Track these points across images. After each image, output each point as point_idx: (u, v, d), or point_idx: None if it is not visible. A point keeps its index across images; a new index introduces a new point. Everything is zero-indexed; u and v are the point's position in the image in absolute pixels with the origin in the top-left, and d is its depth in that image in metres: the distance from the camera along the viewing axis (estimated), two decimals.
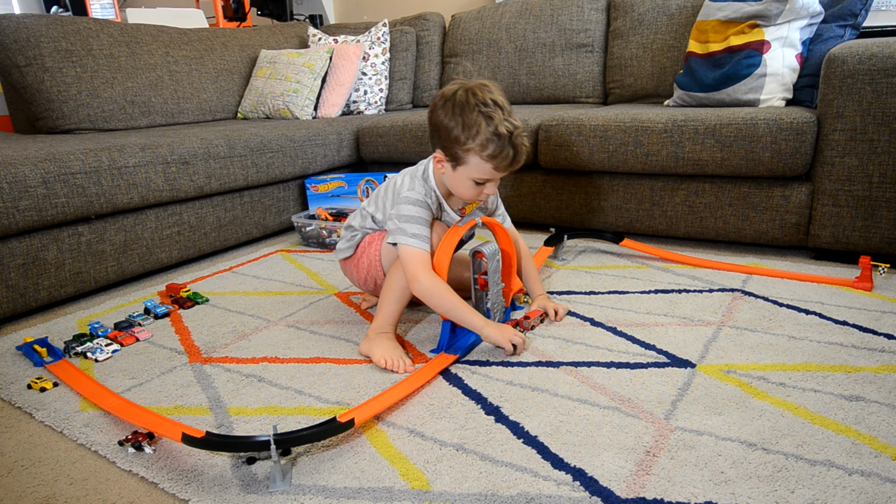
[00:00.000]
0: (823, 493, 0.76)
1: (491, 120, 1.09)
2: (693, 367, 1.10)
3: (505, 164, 1.12)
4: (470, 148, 1.11)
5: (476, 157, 1.11)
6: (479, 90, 1.11)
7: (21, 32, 2.03)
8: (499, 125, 1.09)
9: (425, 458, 0.88)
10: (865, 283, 1.42)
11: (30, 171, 1.42)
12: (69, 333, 1.38)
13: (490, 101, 1.10)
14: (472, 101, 1.10)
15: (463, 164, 1.13)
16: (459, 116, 1.10)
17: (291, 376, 1.14)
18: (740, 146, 1.62)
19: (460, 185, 1.18)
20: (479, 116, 1.09)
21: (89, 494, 0.84)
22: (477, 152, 1.11)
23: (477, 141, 1.10)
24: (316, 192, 2.18)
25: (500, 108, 1.10)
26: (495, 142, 1.09)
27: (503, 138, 1.09)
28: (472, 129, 1.09)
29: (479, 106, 1.10)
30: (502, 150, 1.10)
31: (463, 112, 1.10)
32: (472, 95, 1.11)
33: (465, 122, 1.09)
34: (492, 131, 1.09)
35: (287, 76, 2.58)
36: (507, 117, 1.10)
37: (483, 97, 1.10)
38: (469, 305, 1.17)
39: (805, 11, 1.74)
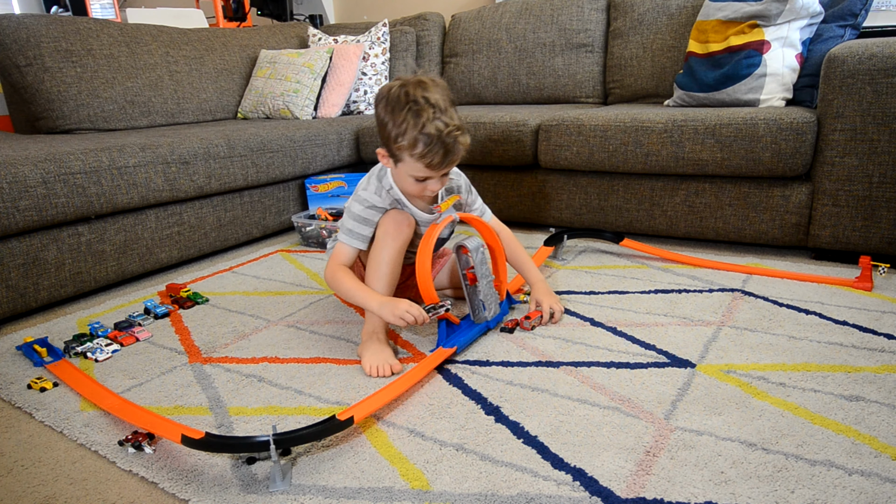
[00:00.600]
0: (823, 493, 0.76)
1: (419, 118, 1.07)
2: (693, 367, 1.10)
3: (436, 163, 1.11)
4: (401, 146, 1.10)
5: (407, 156, 1.11)
6: (414, 87, 1.10)
7: (21, 32, 2.03)
8: (427, 124, 1.07)
9: (425, 458, 0.88)
10: (866, 283, 1.42)
11: (30, 171, 1.42)
12: (69, 333, 1.38)
13: (422, 98, 1.08)
14: (404, 99, 1.09)
15: (400, 161, 1.14)
16: (391, 114, 1.10)
17: (291, 376, 1.14)
18: (740, 146, 1.62)
19: (403, 182, 1.18)
20: (409, 114, 1.08)
21: (89, 494, 0.84)
22: (407, 150, 1.10)
23: (406, 139, 1.09)
24: (316, 192, 2.18)
25: (432, 107, 1.08)
26: (423, 141, 1.08)
27: (432, 137, 1.07)
28: (402, 128, 1.09)
29: (409, 104, 1.08)
30: (431, 149, 1.09)
31: (394, 110, 1.10)
32: (404, 94, 1.09)
33: (396, 120, 1.09)
34: (419, 130, 1.08)
35: (287, 76, 2.58)
36: (438, 116, 1.08)
37: (415, 95, 1.09)
38: (368, 288, 1.19)
39: (805, 11, 1.74)
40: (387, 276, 1.21)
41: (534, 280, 1.38)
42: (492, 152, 2.04)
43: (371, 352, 1.16)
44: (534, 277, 1.38)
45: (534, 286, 1.37)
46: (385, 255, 1.20)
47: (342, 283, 1.19)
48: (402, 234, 1.21)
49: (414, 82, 1.11)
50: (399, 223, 1.21)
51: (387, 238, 1.20)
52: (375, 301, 1.16)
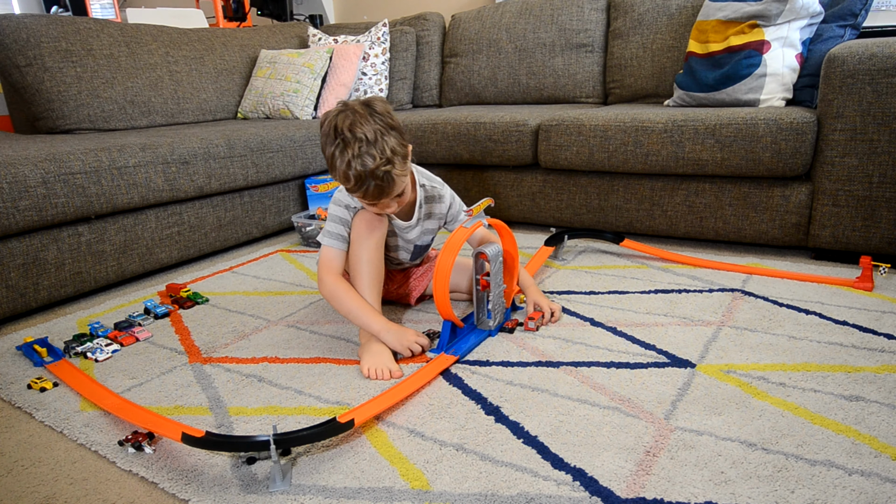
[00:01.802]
0: (823, 493, 0.76)
1: (343, 156, 1.05)
2: (693, 367, 1.10)
3: (371, 197, 1.10)
4: (336, 178, 1.10)
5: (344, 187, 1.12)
6: (345, 119, 1.06)
7: (21, 32, 2.03)
8: (352, 160, 1.04)
9: (425, 458, 0.88)
10: (866, 283, 1.42)
11: (30, 171, 1.42)
12: (69, 333, 1.38)
13: (348, 132, 1.05)
14: (332, 133, 1.07)
15: None
16: (324, 147, 1.10)
17: (291, 376, 1.14)
18: (740, 146, 1.62)
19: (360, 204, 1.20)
20: (336, 150, 1.06)
21: (89, 494, 0.84)
22: (342, 183, 1.11)
23: (337, 174, 1.09)
24: (316, 192, 2.18)
25: (360, 142, 1.05)
26: (350, 177, 1.06)
27: (360, 174, 1.05)
28: (332, 162, 1.08)
29: (337, 139, 1.06)
30: (361, 184, 1.07)
31: (326, 144, 1.09)
32: (333, 127, 1.07)
33: (326, 153, 1.09)
34: (344, 168, 1.06)
35: (287, 76, 2.58)
36: (365, 151, 1.04)
37: (342, 127, 1.06)
38: (370, 308, 1.19)
39: (805, 11, 1.74)
40: (368, 274, 1.21)
41: (527, 284, 1.38)
42: (492, 152, 2.04)
43: (370, 354, 1.15)
44: (527, 282, 1.39)
45: (528, 290, 1.37)
46: (363, 255, 1.21)
47: (343, 303, 1.19)
48: (374, 232, 1.21)
49: (348, 110, 1.08)
50: (369, 222, 1.21)
51: (360, 239, 1.21)
52: (379, 324, 1.17)
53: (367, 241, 1.21)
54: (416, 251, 1.38)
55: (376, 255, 1.22)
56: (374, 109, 1.09)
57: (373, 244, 1.21)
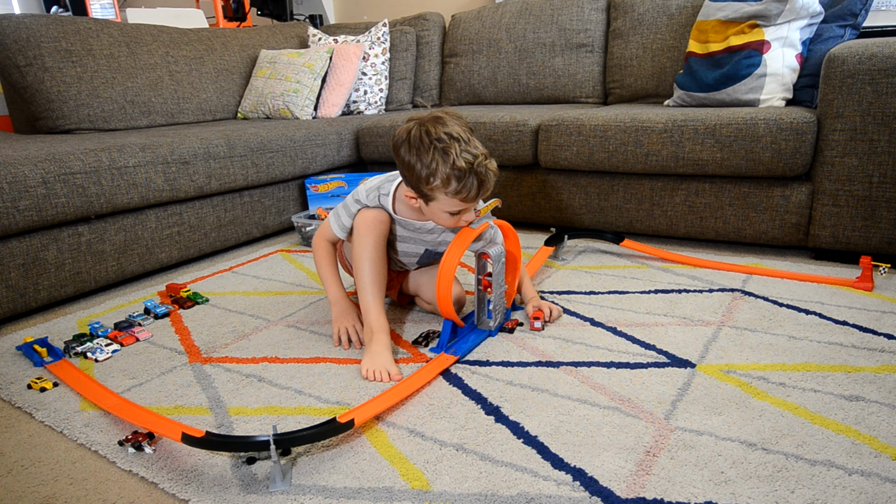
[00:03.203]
0: (823, 493, 0.76)
1: (447, 156, 1.07)
2: (693, 367, 1.10)
3: (472, 196, 1.11)
4: (434, 186, 1.10)
5: (442, 194, 1.11)
6: (433, 125, 1.09)
7: (21, 32, 2.03)
8: (456, 159, 1.07)
9: (425, 458, 0.88)
10: (866, 283, 1.42)
11: (30, 171, 1.42)
12: (69, 333, 1.38)
13: (444, 135, 1.08)
14: (427, 139, 1.08)
15: (433, 199, 1.13)
16: (417, 156, 1.09)
17: (291, 376, 1.14)
18: (740, 146, 1.62)
19: (438, 217, 1.18)
20: (436, 154, 1.07)
21: (89, 494, 0.84)
22: (441, 189, 1.10)
23: (438, 179, 1.08)
24: (316, 192, 2.18)
25: (457, 140, 1.08)
26: (456, 176, 1.08)
27: (464, 171, 1.07)
28: (432, 167, 1.08)
29: (434, 143, 1.08)
30: (465, 183, 1.08)
31: (419, 151, 1.09)
32: (425, 133, 1.09)
33: (424, 162, 1.08)
34: (450, 167, 1.07)
35: (287, 76, 2.58)
36: (465, 148, 1.08)
37: (437, 133, 1.08)
38: (333, 279, 1.33)
39: (805, 11, 1.74)
40: (369, 272, 1.21)
41: (529, 296, 1.39)
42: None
43: (370, 355, 1.15)
44: (530, 293, 1.39)
45: (526, 294, 1.38)
46: (364, 254, 1.21)
47: (320, 265, 1.33)
48: (373, 230, 1.21)
49: (431, 119, 1.11)
50: (368, 221, 1.21)
51: (360, 238, 1.21)
52: (334, 295, 1.32)
53: (366, 240, 1.21)
54: (426, 255, 1.36)
55: (376, 255, 1.22)
56: (452, 115, 1.13)
57: (371, 242, 1.21)
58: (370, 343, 1.17)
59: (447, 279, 1.14)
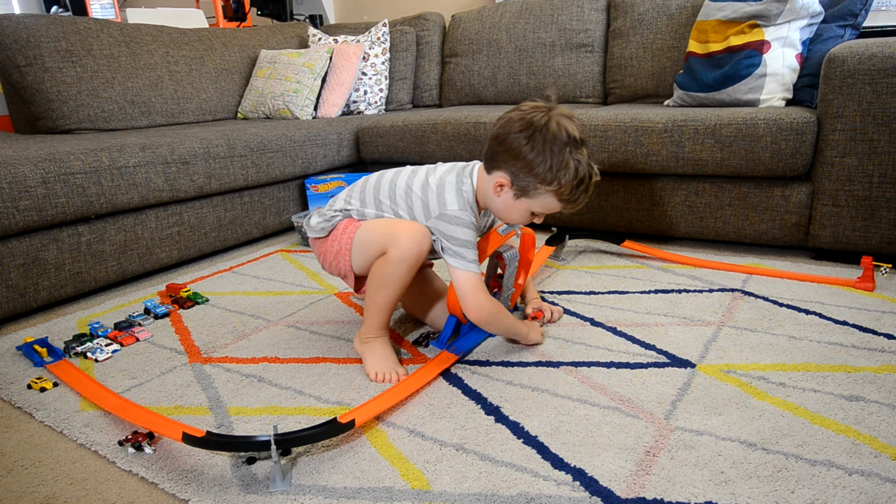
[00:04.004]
0: (823, 493, 0.76)
1: (580, 163, 1.02)
2: (693, 367, 1.10)
3: (577, 202, 1.08)
4: (551, 189, 1.04)
5: (551, 197, 1.05)
6: (568, 123, 1.03)
7: (21, 32, 2.03)
8: (582, 167, 1.02)
9: (425, 458, 0.88)
10: (867, 284, 1.42)
11: (30, 171, 1.42)
12: (69, 333, 1.38)
13: (579, 139, 1.03)
14: (564, 138, 1.01)
15: (531, 197, 1.06)
16: (549, 153, 1.01)
17: (291, 376, 1.14)
18: (740, 146, 1.62)
19: (513, 212, 1.10)
20: (570, 158, 1.01)
21: (89, 494, 0.84)
22: (555, 193, 1.04)
23: (560, 182, 1.02)
24: (316, 192, 2.18)
25: (586, 147, 1.04)
26: (575, 184, 1.03)
27: (584, 182, 1.04)
28: (561, 171, 1.01)
29: (569, 145, 1.01)
30: (579, 193, 1.05)
31: (553, 149, 1.01)
32: (565, 132, 1.01)
33: (555, 162, 1.01)
34: (576, 174, 1.02)
35: (287, 76, 2.58)
36: (589, 158, 1.05)
37: (572, 133, 1.02)
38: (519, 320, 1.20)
39: (805, 11, 1.74)
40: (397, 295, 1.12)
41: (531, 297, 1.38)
42: None
43: (376, 357, 1.13)
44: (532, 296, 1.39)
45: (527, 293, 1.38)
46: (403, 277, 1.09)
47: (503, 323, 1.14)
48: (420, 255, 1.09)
49: (562, 115, 1.04)
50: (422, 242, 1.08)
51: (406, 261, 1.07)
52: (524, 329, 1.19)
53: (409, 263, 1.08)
54: None
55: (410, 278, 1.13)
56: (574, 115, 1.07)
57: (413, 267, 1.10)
58: (373, 343, 1.15)
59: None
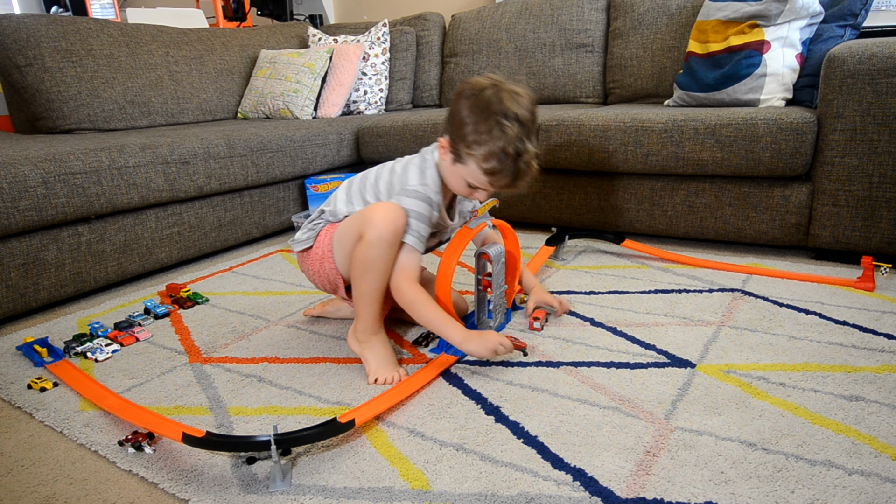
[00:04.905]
0: (823, 493, 0.76)
1: (503, 134, 1.01)
2: (693, 367, 1.10)
3: (502, 184, 1.06)
4: (473, 153, 1.04)
5: (475, 165, 1.05)
6: (510, 97, 1.02)
7: (21, 32, 2.03)
8: (508, 144, 1.01)
9: (425, 458, 0.88)
10: (867, 284, 1.42)
11: (30, 171, 1.42)
12: (69, 333, 1.38)
13: (513, 113, 1.01)
14: (496, 106, 1.01)
15: (463, 163, 1.07)
16: (475, 116, 1.02)
17: (291, 376, 1.14)
18: (740, 146, 1.62)
19: (453, 180, 1.12)
20: (495, 126, 1.01)
21: (89, 494, 0.84)
22: (478, 161, 1.04)
23: (482, 150, 1.03)
24: (316, 192, 2.18)
25: (521, 125, 1.02)
26: (499, 158, 1.02)
27: (508, 158, 1.02)
28: (482, 137, 1.02)
29: (499, 115, 1.01)
30: (503, 169, 1.03)
31: (481, 114, 1.02)
32: (497, 100, 1.02)
33: (479, 127, 1.02)
34: (500, 147, 1.01)
35: (287, 76, 2.58)
36: (522, 136, 1.02)
37: (508, 107, 1.01)
38: (451, 319, 1.11)
39: (805, 11, 1.74)
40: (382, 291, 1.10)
41: (531, 285, 1.38)
42: None
43: (378, 359, 1.12)
44: (531, 282, 1.39)
45: (533, 290, 1.37)
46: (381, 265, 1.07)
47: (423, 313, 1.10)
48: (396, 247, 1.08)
49: (509, 90, 1.04)
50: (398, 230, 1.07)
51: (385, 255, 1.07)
52: (459, 335, 1.09)
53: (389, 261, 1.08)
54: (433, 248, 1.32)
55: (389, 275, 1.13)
56: (530, 97, 1.06)
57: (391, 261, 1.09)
58: (372, 342, 1.14)
59: (445, 280, 1.14)
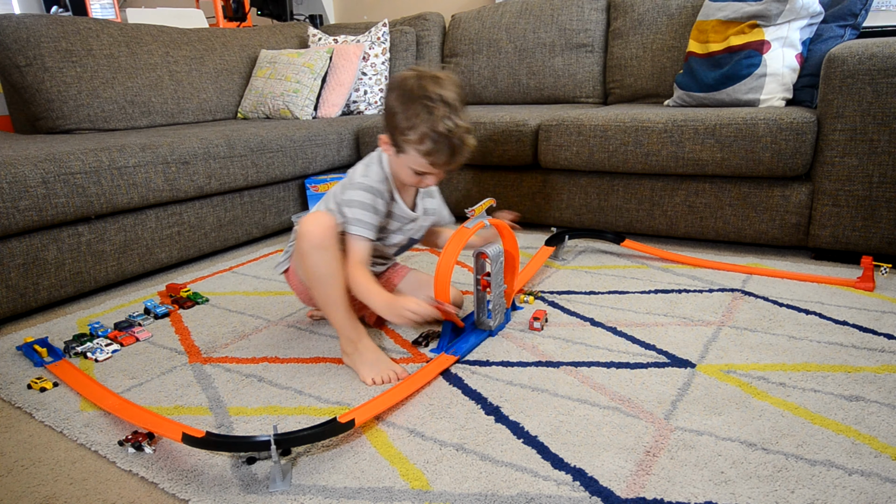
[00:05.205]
0: (823, 493, 0.76)
1: (431, 115, 1.06)
2: (693, 367, 1.10)
3: (441, 162, 1.11)
4: (409, 139, 1.09)
5: (413, 150, 1.10)
6: (431, 82, 1.08)
7: (21, 32, 2.03)
8: (437, 122, 1.06)
9: (425, 458, 0.88)
10: (867, 284, 1.42)
11: (30, 171, 1.42)
12: (69, 333, 1.38)
13: (437, 95, 1.07)
14: (419, 92, 1.07)
15: (404, 152, 1.12)
16: (403, 105, 1.08)
17: (291, 376, 1.14)
18: (740, 146, 1.62)
19: (401, 171, 1.17)
20: (421, 109, 1.07)
21: (89, 494, 0.84)
22: (414, 145, 1.09)
23: (415, 134, 1.08)
24: (316, 192, 2.18)
25: (446, 105, 1.07)
26: (432, 138, 1.07)
27: (441, 136, 1.07)
28: (413, 122, 1.07)
29: (423, 99, 1.07)
30: (438, 147, 1.08)
31: (407, 102, 1.08)
32: (420, 86, 1.08)
33: (407, 113, 1.08)
34: (429, 127, 1.07)
35: (287, 76, 2.58)
36: (449, 114, 1.07)
37: (431, 90, 1.07)
38: (378, 287, 1.13)
39: (805, 11, 1.74)
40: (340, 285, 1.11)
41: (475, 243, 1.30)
42: (492, 152, 2.04)
43: (367, 363, 1.12)
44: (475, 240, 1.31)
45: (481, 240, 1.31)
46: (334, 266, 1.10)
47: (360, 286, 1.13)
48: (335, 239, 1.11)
49: (430, 76, 1.10)
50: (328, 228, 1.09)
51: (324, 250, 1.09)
52: (381, 300, 1.11)
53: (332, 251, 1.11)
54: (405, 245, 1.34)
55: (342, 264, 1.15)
56: (453, 81, 1.11)
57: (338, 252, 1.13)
58: (360, 350, 1.13)
59: (444, 281, 1.14)
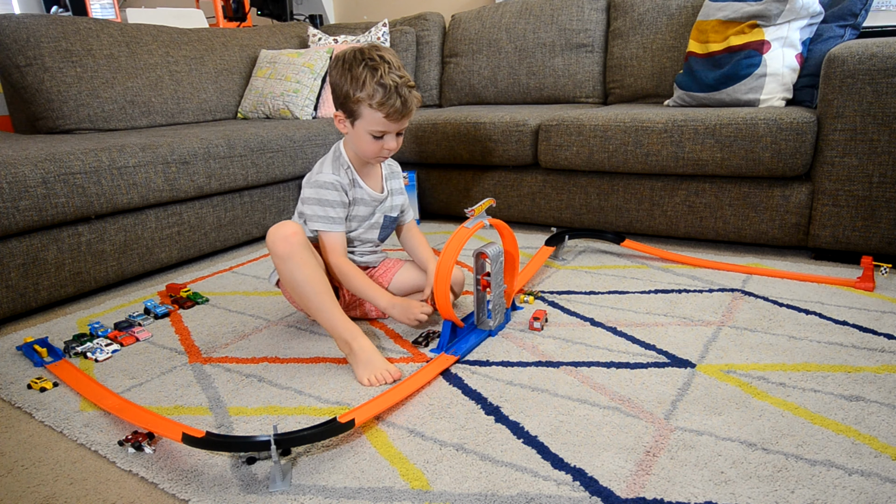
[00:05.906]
0: (823, 493, 0.76)
1: (376, 71, 1.16)
2: (693, 367, 1.10)
3: (395, 112, 1.18)
4: (360, 98, 1.17)
5: (367, 108, 1.18)
6: (368, 49, 1.19)
7: (21, 32, 2.03)
8: (384, 76, 1.16)
9: (425, 458, 0.88)
10: (867, 284, 1.42)
11: (30, 171, 1.42)
12: (69, 333, 1.38)
13: (377, 56, 1.18)
14: (360, 57, 1.18)
15: (358, 117, 1.20)
16: (348, 72, 1.18)
17: (291, 376, 1.14)
18: (740, 146, 1.62)
19: (361, 141, 1.24)
20: (365, 69, 1.17)
21: (89, 494, 0.84)
22: (366, 102, 1.17)
23: (365, 91, 1.17)
24: None
25: (387, 63, 1.17)
26: (381, 91, 1.16)
27: (389, 88, 1.16)
28: (360, 81, 1.17)
29: (365, 61, 1.17)
30: (389, 98, 1.16)
31: (351, 68, 1.18)
32: (359, 53, 1.19)
33: (353, 76, 1.17)
34: (377, 81, 1.16)
35: (287, 76, 2.58)
36: (393, 70, 1.17)
37: (370, 54, 1.18)
38: (377, 286, 1.25)
39: (805, 11, 1.74)
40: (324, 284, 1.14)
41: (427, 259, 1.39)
42: (492, 152, 2.04)
43: (361, 363, 1.12)
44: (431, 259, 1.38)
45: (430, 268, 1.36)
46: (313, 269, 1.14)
47: (353, 280, 1.24)
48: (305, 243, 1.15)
49: (367, 46, 1.21)
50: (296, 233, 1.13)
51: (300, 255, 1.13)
52: (385, 300, 1.24)
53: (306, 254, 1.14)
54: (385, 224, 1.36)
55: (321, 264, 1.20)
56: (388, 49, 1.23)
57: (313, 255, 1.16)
58: (356, 353, 1.13)
59: (444, 281, 1.14)
